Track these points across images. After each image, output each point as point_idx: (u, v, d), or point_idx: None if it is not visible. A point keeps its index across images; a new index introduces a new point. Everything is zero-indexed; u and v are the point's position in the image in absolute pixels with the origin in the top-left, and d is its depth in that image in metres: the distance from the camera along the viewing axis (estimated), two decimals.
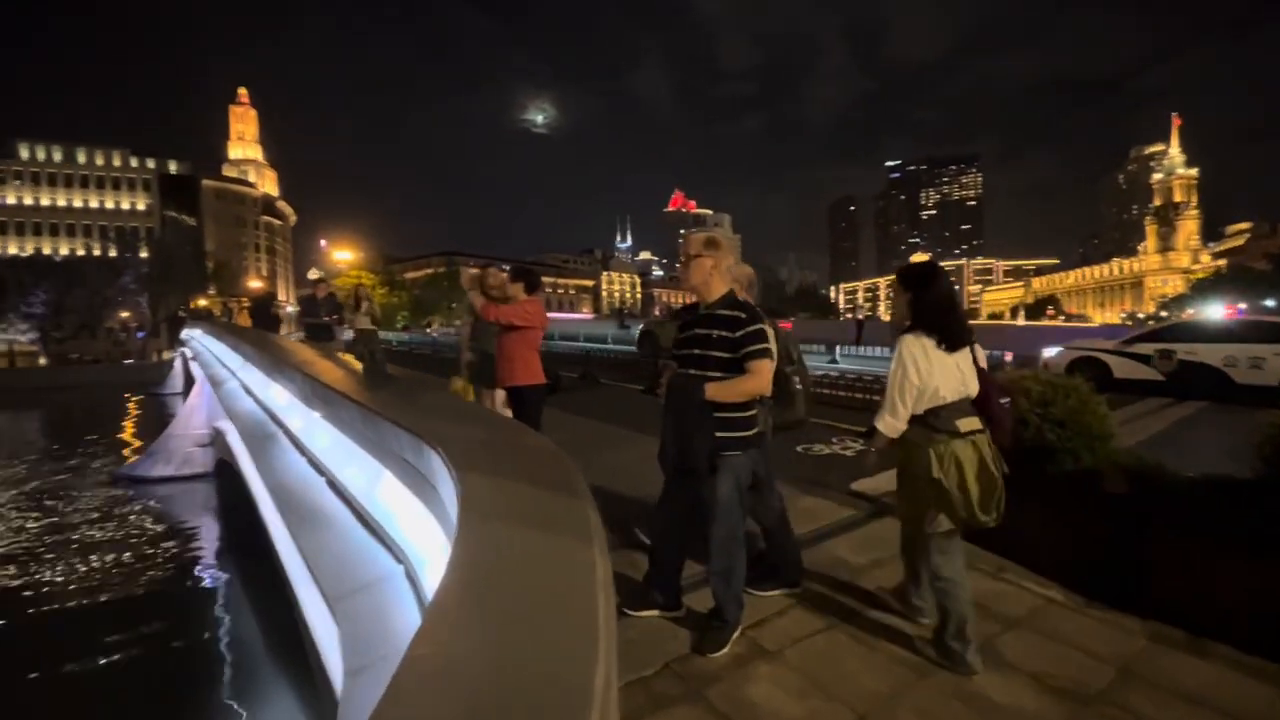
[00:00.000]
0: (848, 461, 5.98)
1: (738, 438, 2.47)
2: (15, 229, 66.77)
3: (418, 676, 0.83)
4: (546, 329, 4.55)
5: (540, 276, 4.75)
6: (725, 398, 2.43)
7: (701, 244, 2.57)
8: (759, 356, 2.41)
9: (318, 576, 2.72)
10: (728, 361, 2.44)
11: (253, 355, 7.35)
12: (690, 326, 2.59)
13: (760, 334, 2.43)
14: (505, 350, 4.28)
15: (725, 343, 2.44)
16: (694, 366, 2.51)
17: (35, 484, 16.09)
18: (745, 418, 2.50)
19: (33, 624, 8.22)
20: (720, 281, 2.57)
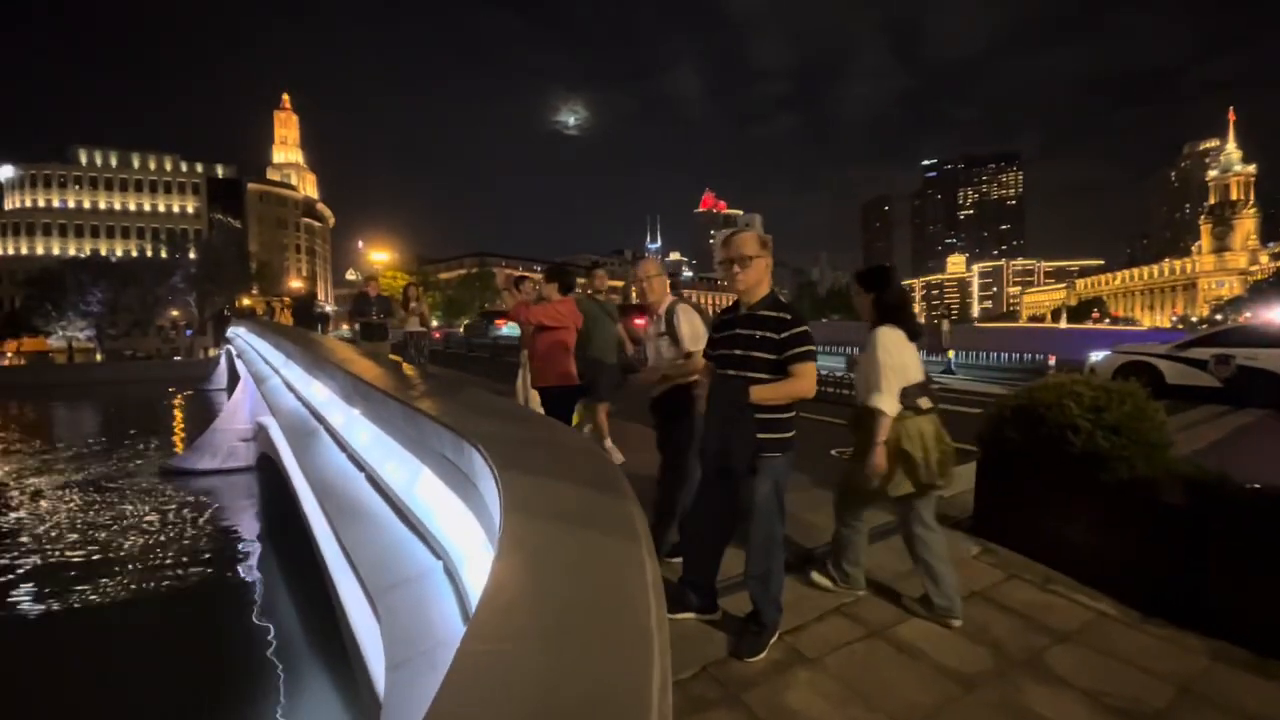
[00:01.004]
0: None
1: (779, 439, 2.45)
2: (75, 231, 70.15)
3: (471, 676, 0.82)
4: (578, 328, 4.56)
5: (574, 277, 4.75)
6: (771, 400, 2.40)
7: (757, 244, 2.54)
8: (805, 359, 2.39)
9: (358, 570, 2.77)
10: (772, 363, 2.41)
11: (294, 353, 7.56)
12: (729, 326, 2.56)
13: (806, 336, 2.41)
14: (537, 350, 4.32)
15: (769, 344, 2.41)
16: (735, 368, 2.48)
17: (89, 474, 16.84)
18: (786, 419, 2.48)
19: (80, 610, 8.58)
20: (767, 282, 2.55)
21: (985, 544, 3.54)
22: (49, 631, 8.01)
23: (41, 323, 54.55)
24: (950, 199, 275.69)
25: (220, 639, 7.92)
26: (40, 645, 7.71)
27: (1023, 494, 3.50)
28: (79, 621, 8.29)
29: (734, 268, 2.51)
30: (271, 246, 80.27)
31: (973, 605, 2.87)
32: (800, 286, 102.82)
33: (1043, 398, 3.39)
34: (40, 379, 45.61)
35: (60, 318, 54.37)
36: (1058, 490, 3.29)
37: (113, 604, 8.78)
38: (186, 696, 6.49)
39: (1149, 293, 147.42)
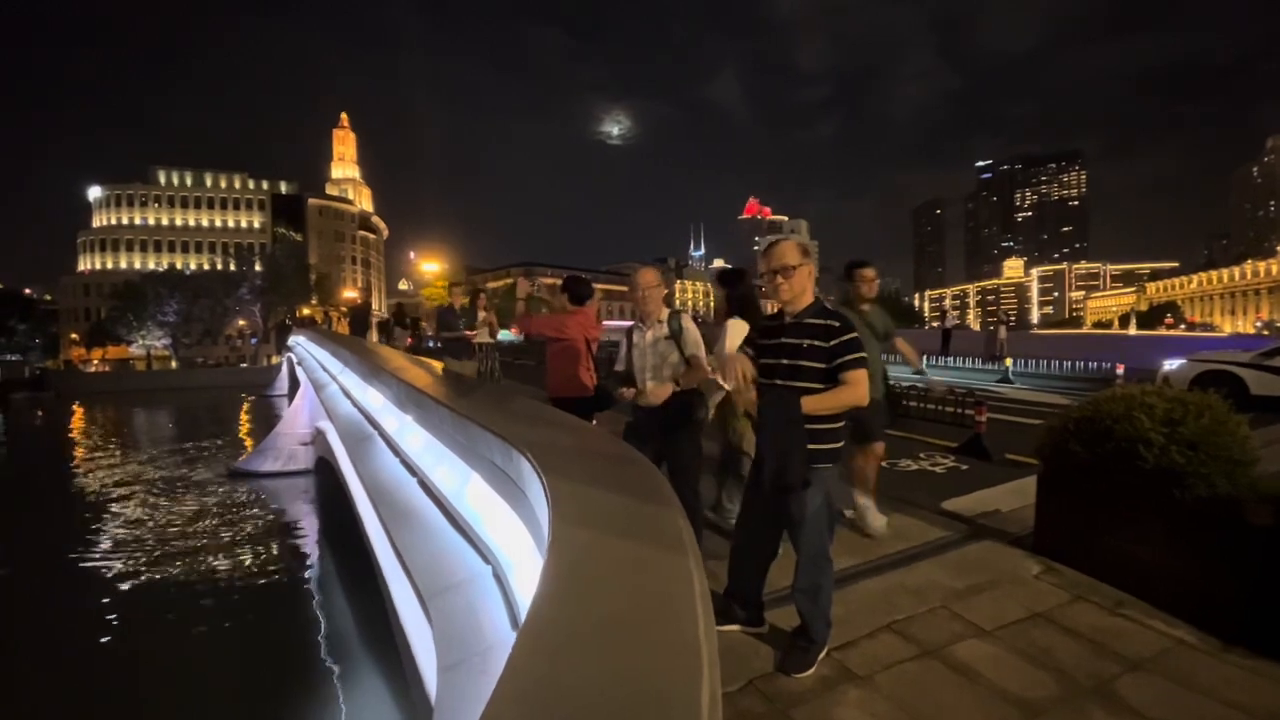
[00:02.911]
0: (938, 478, 5.67)
1: (829, 449, 2.40)
2: (154, 246, 75.00)
3: (523, 682, 0.83)
4: (595, 340, 4.47)
5: (589, 286, 4.64)
6: (824, 410, 2.34)
7: (799, 253, 2.50)
8: (855, 366, 2.32)
9: (410, 573, 2.85)
10: (820, 372, 2.35)
11: (351, 360, 7.87)
12: (775, 335, 2.51)
13: (856, 343, 2.35)
14: (548, 362, 4.36)
15: (818, 353, 2.35)
16: (784, 378, 2.42)
17: (164, 474, 17.93)
18: (837, 429, 2.42)
19: (150, 603, 9.10)
20: (811, 291, 2.50)
21: (1048, 563, 3.38)
22: (121, 623, 8.51)
23: (124, 332, 58.61)
24: (1006, 201, 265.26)
25: (279, 634, 8.26)
26: (111, 635, 8.21)
27: (1088, 511, 3.32)
28: (149, 614, 8.79)
29: (777, 278, 2.47)
30: (329, 258, 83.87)
31: (1035, 627, 2.74)
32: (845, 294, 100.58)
33: (1110, 409, 3.22)
34: (122, 384, 48.92)
35: (140, 327, 58.27)
36: (1127, 508, 3.10)
37: (180, 598, 9.28)
38: (245, 688, 6.77)
39: (1230, 296, 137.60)
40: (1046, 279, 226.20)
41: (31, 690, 6.78)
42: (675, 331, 3.10)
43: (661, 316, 3.21)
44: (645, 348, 3.20)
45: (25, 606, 9.32)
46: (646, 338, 3.20)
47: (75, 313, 68.65)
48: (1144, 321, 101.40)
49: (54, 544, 12.18)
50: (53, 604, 9.33)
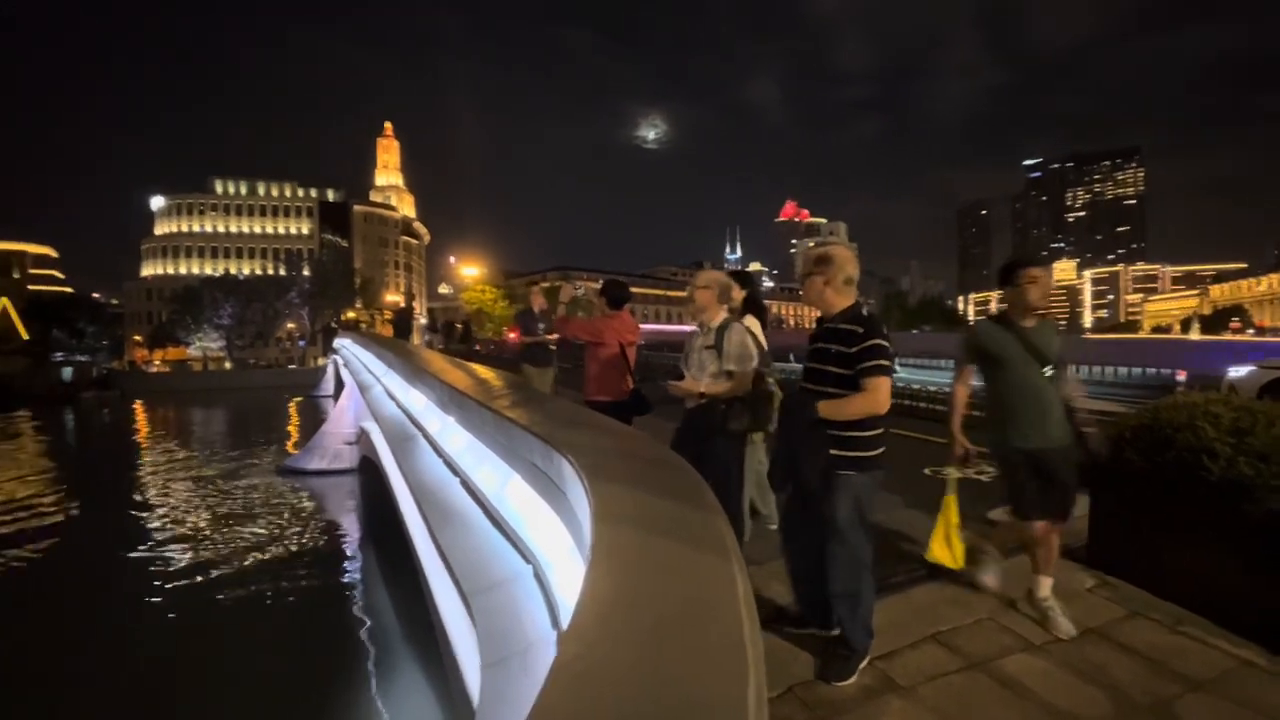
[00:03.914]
0: (983, 487, 5.50)
1: (854, 457, 2.38)
2: (210, 253, 78.54)
3: (568, 681, 0.84)
4: (632, 344, 4.49)
5: (626, 290, 4.67)
6: (838, 415, 2.35)
7: (811, 263, 2.54)
8: (875, 373, 2.30)
9: (453, 571, 2.92)
10: (842, 377, 2.36)
11: (395, 363, 8.10)
12: (813, 341, 2.56)
13: (877, 349, 2.32)
14: (586, 365, 4.40)
15: (841, 358, 2.37)
16: (811, 382, 2.47)
17: (218, 470, 18.77)
18: (865, 437, 2.39)
19: (201, 595, 9.51)
20: (839, 296, 2.50)
21: (1102, 577, 3.25)
22: (173, 614, 8.92)
23: (182, 334, 61.67)
24: (1057, 200, 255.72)
25: (323, 628, 8.55)
26: (163, 625, 8.62)
27: (1146, 523, 3.18)
28: (200, 606, 9.20)
29: (806, 282, 2.57)
30: (373, 263, 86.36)
31: (1088, 643, 2.64)
32: (888, 297, 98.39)
33: (1171, 418, 3.08)
34: (180, 384, 51.43)
35: (197, 330, 61.23)
36: (1189, 521, 2.96)
37: (230, 591, 9.68)
38: (290, 679, 7.00)
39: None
40: (1100, 281, 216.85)
41: (87, 676, 7.15)
42: (716, 342, 3.08)
43: (713, 322, 3.16)
44: (693, 352, 3.21)
45: (87, 596, 9.88)
46: (696, 342, 3.20)
47: (139, 316, 72.44)
48: (1208, 326, 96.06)
49: (115, 537, 12.89)
50: (111, 595, 9.85)
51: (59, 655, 7.62)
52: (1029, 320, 2.88)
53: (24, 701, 6.66)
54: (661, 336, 51.17)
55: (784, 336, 11.03)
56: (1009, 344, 2.83)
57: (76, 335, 65.22)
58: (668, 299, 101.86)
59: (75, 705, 6.57)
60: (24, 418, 34.51)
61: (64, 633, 8.30)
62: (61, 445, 28.22)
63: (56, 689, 6.84)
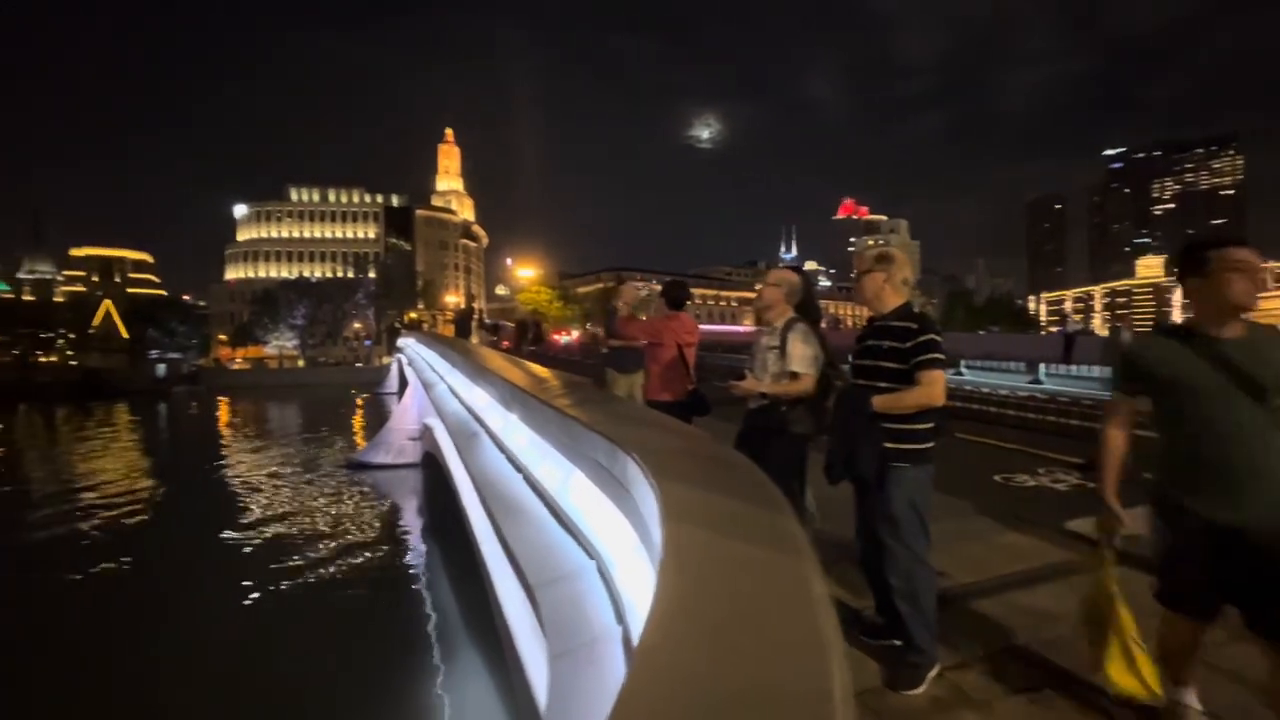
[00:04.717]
0: (1059, 496, 5.24)
1: (907, 449, 2.41)
2: (286, 257, 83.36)
3: (651, 677, 0.85)
4: (691, 344, 4.48)
5: (686, 290, 4.69)
6: (893, 409, 2.40)
7: (872, 260, 2.61)
8: (929, 366, 2.37)
9: (517, 564, 3.00)
10: (898, 372, 2.42)
11: (459, 361, 8.38)
12: (865, 339, 2.61)
13: (932, 344, 2.38)
14: (646, 366, 4.42)
15: (895, 353, 2.43)
16: (865, 378, 2.53)
17: (291, 462, 19.89)
18: (917, 430, 2.42)
19: (273, 581, 10.05)
20: (894, 294, 2.57)
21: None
22: (245, 600, 9.44)
23: (261, 333, 65.76)
24: (1141, 192, 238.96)
25: (387, 616, 8.92)
26: (236, 610, 9.13)
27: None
28: (271, 590, 9.72)
29: (860, 282, 2.62)
30: (434, 266, 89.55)
31: None
32: (952, 295, 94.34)
33: None
34: (259, 380, 54.80)
35: (274, 329, 65.11)
36: None
37: (301, 577, 10.21)
38: (355, 662, 7.31)
39: None
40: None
41: (168, 651, 7.67)
42: (780, 342, 3.05)
43: (778, 322, 3.13)
44: (758, 352, 3.19)
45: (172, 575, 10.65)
46: (761, 342, 3.19)
47: (223, 316, 77.65)
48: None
49: (199, 522, 13.87)
50: (192, 577, 10.55)
51: (144, 630, 8.24)
52: (1232, 328, 1.87)
53: (109, 671, 7.21)
54: (714, 337, 50.82)
55: (841, 337, 10.94)
56: (1198, 365, 1.87)
57: (169, 334, 70.49)
58: (720, 298, 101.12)
59: (155, 679, 7.01)
60: (124, 410, 37.60)
61: (150, 609, 8.99)
62: (155, 435, 30.59)
63: (139, 663, 7.35)
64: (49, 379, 49.84)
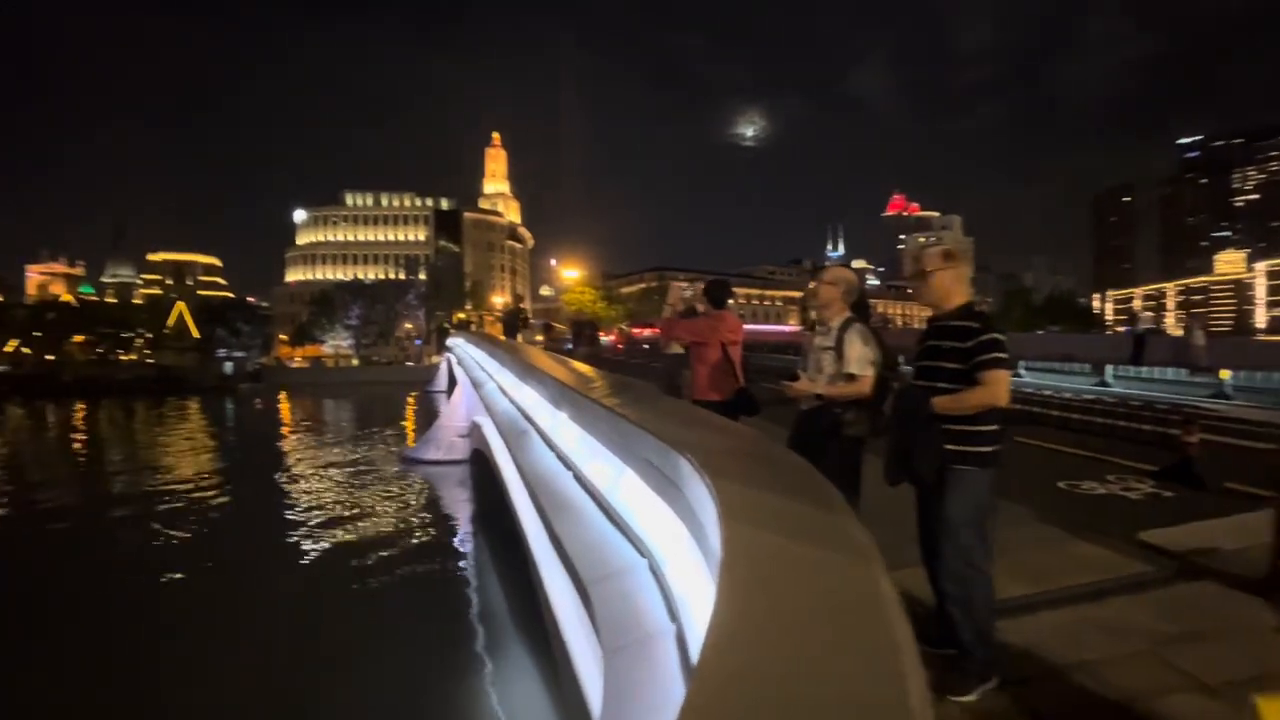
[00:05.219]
0: (1131, 505, 4.95)
1: (969, 452, 2.34)
2: (341, 260, 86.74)
3: (722, 681, 0.84)
4: (735, 343, 4.43)
5: (729, 290, 4.66)
6: (954, 410, 2.34)
7: (939, 258, 2.55)
8: (992, 366, 2.29)
9: (569, 561, 3.04)
10: (958, 373, 2.36)
11: (507, 361, 8.55)
12: (925, 339, 2.56)
13: (994, 344, 2.32)
14: (691, 364, 4.39)
15: (956, 353, 2.37)
16: (925, 378, 2.48)
17: (347, 457, 20.67)
18: (980, 431, 2.35)
19: (326, 574, 10.45)
20: (959, 293, 2.51)
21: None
22: (300, 591, 9.85)
23: (318, 333, 68.66)
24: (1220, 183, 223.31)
25: (437, 605, 9.17)
26: (292, 594, 9.54)
27: None
28: (326, 580, 10.12)
29: (925, 281, 2.55)
30: (482, 267, 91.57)
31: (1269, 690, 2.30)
32: (1009, 294, 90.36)
33: None
34: (317, 378, 57.18)
35: (330, 329, 67.88)
36: None
37: (354, 567, 10.57)
38: (406, 650, 7.50)
39: None
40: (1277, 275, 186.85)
41: (228, 634, 8.04)
42: (836, 342, 2.97)
43: (834, 322, 3.05)
44: (811, 352, 3.13)
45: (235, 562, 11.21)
46: (815, 342, 3.13)
47: (284, 317, 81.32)
48: None
49: (261, 513, 14.60)
50: (253, 565, 11.07)
51: (205, 611, 8.72)
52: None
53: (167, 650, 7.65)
54: (759, 337, 50.20)
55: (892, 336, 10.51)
56: None
57: (235, 334, 74.33)
58: (765, 298, 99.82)
59: (212, 658, 7.36)
60: (195, 405, 39.92)
61: (210, 592, 9.50)
62: (223, 429, 32.32)
63: (195, 643, 7.74)
64: (129, 376, 53.39)
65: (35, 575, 10.64)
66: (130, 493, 16.61)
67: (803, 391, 2.99)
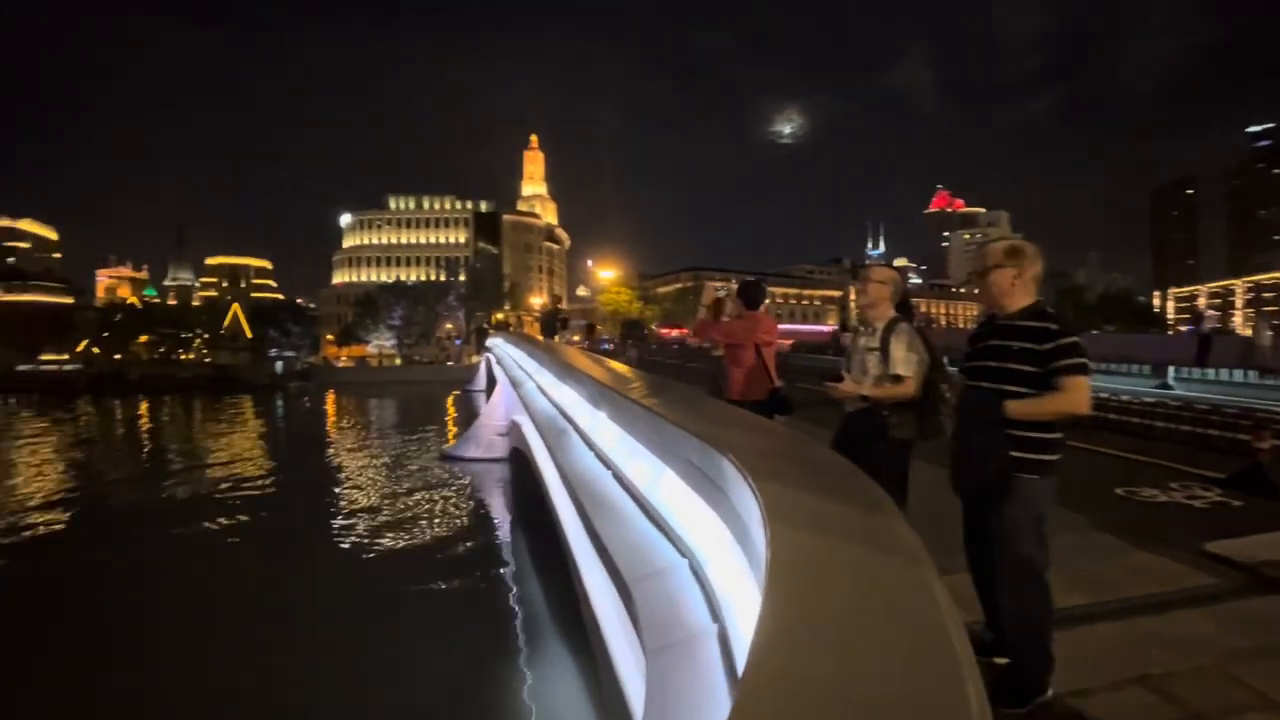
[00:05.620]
0: (1195, 514, 4.72)
1: (1037, 459, 2.23)
2: (385, 262, 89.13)
3: (777, 685, 0.84)
4: (769, 344, 4.37)
5: (762, 290, 4.61)
6: (1031, 416, 2.22)
7: (1003, 254, 2.40)
8: (1074, 372, 2.16)
9: (611, 559, 3.06)
10: (1029, 376, 2.23)
11: (546, 361, 8.66)
12: (984, 338, 2.43)
13: (1075, 348, 2.19)
14: (724, 365, 4.37)
15: (1028, 355, 2.24)
16: (986, 379, 2.34)
17: (390, 454, 21.26)
18: (1047, 439, 2.24)
19: (370, 566, 10.76)
20: (1024, 292, 2.37)
21: None
22: (346, 578, 10.19)
23: (362, 333, 70.84)
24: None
25: (476, 599, 9.36)
26: (337, 585, 9.84)
27: None
28: (370, 572, 10.43)
29: (983, 279, 2.43)
30: (520, 268, 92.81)
31: None
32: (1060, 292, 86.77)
33: None
34: (362, 377, 59.02)
35: (374, 330, 69.93)
36: None
37: (397, 559, 10.91)
38: (446, 649, 7.67)
39: None
40: None
41: (278, 619, 8.41)
42: (881, 343, 2.90)
43: (879, 322, 2.98)
44: (855, 353, 3.07)
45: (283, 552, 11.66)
46: (859, 342, 3.06)
47: (331, 318, 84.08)
48: None
49: (309, 505, 15.18)
50: (300, 555, 11.51)
51: (248, 602, 9.11)
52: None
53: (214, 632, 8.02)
54: (798, 337, 49.49)
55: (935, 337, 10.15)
56: None
57: (285, 334, 77.05)
58: (803, 297, 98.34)
59: (258, 645, 7.68)
60: (248, 402, 41.71)
61: (259, 583, 9.91)
62: (274, 425, 33.67)
63: (238, 630, 8.10)
64: (188, 374, 56.19)
65: (99, 556, 11.49)
66: (188, 483, 17.51)
67: (848, 393, 2.93)
